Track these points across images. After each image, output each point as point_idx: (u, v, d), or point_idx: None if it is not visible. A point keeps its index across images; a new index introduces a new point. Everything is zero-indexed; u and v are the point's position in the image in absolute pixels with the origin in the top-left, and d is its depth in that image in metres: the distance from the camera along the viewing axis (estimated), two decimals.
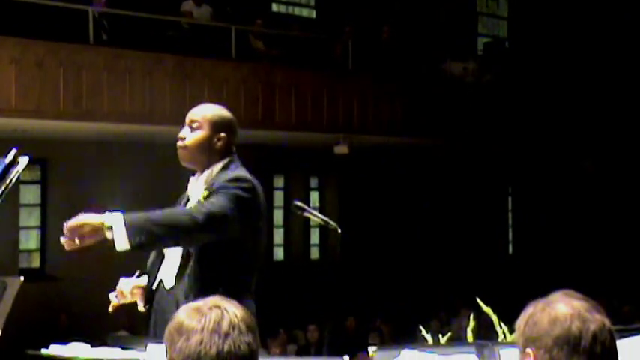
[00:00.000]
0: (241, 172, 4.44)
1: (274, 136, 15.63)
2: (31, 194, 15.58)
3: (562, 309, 2.59)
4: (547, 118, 18.05)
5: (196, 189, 4.49)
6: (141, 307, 4.48)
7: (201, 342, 2.45)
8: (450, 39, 19.51)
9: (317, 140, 16.23)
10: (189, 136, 4.48)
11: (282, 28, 17.12)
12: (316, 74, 15.77)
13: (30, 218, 15.66)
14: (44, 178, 15.59)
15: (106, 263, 14.61)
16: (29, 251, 15.75)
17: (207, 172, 4.47)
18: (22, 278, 3.93)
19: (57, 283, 15.08)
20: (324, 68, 16.09)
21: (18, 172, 3.90)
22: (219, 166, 4.47)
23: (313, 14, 19.55)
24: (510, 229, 21.84)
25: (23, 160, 3.93)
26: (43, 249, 15.61)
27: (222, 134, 4.46)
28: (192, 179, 4.56)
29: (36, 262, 15.69)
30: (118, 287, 4.46)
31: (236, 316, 2.50)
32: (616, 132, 18.79)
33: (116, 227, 4.06)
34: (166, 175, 16.91)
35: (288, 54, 16.04)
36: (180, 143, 4.47)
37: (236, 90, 14.59)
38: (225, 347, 2.45)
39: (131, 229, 4.07)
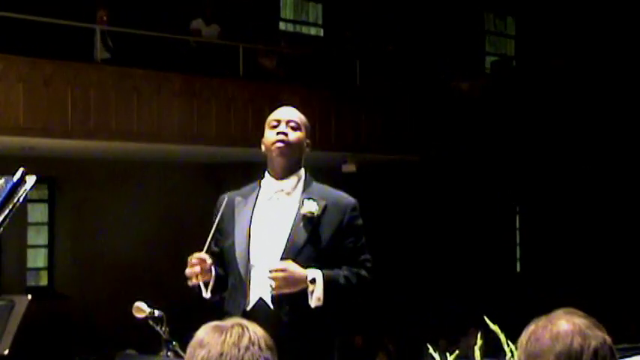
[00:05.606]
0: (341, 193, 4.62)
1: None
2: (38, 213, 15.60)
3: (563, 326, 2.61)
4: (555, 136, 18.03)
5: (274, 190, 4.47)
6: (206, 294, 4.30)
7: (221, 354, 2.52)
8: (458, 57, 19.51)
9: (324, 159, 16.21)
10: (291, 134, 4.45)
11: (290, 46, 17.14)
12: (323, 92, 15.75)
13: (38, 237, 15.67)
14: (52, 197, 15.60)
15: (113, 282, 14.68)
16: (37, 270, 15.76)
17: (293, 178, 4.48)
18: (29, 297, 3.94)
19: (65, 301, 15.07)
20: (332, 86, 16.08)
21: (26, 190, 3.91)
22: (301, 173, 4.52)
23: (321, 33, 19.56)
24: (518, 247, 21.78)
25: (31, 179, 3.94)
26: (50, 267, 15.62)
27: (309, 141, 4.50)
28: (264, 181, 4.50)
29: (44, 281, 15.70)
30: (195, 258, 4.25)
31: (256, 334, 2.58)
32: (627, 149, 18.73)
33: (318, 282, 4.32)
34: (174, 192, 16.95)
35: (295, 72, 16.05)
36: (282, 137, 4.43)
37: (243, 108, 14.59)
38: (246, 359, 2.52)
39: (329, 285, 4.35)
